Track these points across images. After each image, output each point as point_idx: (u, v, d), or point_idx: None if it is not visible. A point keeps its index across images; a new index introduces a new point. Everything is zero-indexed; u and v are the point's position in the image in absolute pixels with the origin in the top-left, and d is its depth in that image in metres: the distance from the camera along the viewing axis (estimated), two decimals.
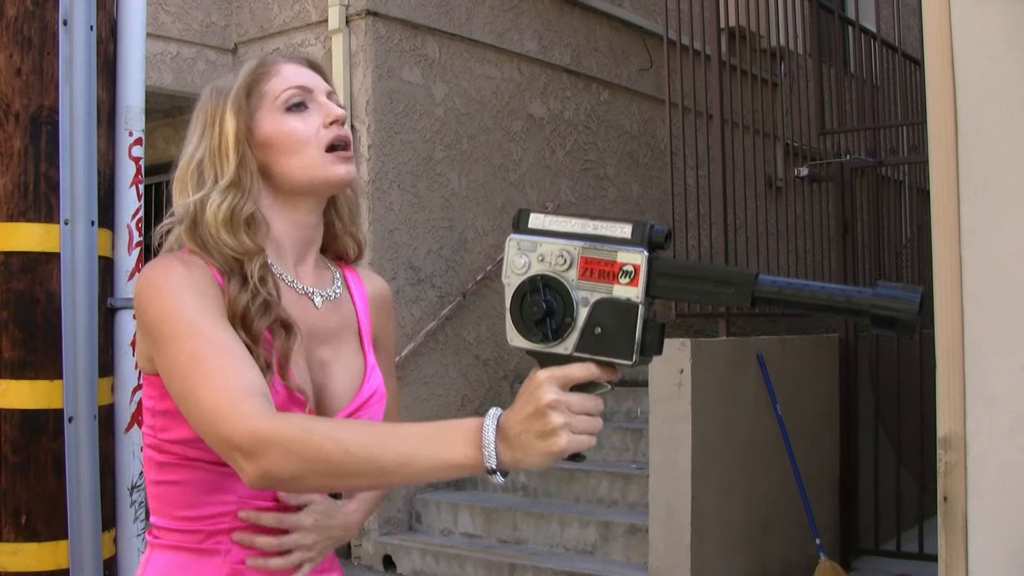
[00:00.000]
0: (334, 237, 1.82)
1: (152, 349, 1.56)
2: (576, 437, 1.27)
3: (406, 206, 6.96)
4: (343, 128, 1.69)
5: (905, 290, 1.17)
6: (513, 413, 1.30)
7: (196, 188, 1.65)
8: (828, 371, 6.52)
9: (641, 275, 1.25)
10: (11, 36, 2.18)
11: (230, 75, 1.71)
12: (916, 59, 7.73)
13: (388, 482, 1.42)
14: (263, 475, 1.39)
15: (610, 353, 1.27)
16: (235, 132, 1.65)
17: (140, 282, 1.58)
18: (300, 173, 1.67)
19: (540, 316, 1.28)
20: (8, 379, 2.14)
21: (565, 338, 1.28)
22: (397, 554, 6.58)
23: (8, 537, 2.14)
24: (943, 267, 3.47)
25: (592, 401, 1.29)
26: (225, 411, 1.42)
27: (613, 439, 6.80)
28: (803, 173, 6.78)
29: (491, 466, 1.29)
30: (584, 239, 1.29)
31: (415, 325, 6.95)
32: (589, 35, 8.54)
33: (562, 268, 1.29)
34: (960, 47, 3.43)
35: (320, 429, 1.42)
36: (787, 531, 5.85)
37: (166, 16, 7.16)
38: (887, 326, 1.18)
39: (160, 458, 1.64)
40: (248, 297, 1.58)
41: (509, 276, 1.33)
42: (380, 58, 6.84)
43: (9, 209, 2.16)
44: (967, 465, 3.43)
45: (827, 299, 1.22)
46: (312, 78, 1.72)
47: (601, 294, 1.27)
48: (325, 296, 1.75)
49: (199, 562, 1.63)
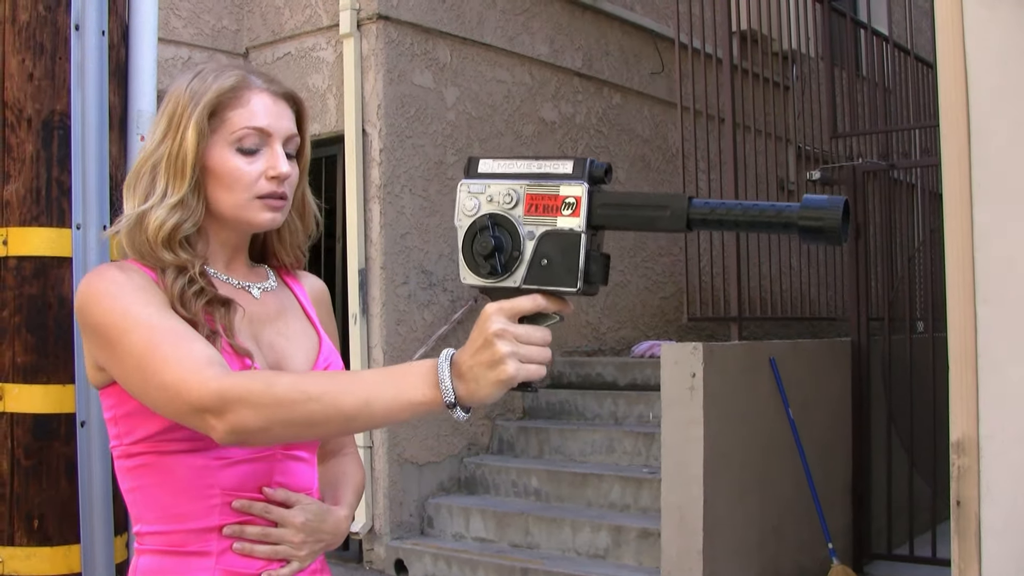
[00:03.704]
0: (271, 253, 1.87)
1: (102, 354, 1.59)
2: (524, 366, 1.32)
3: (417, 210, 6.96)
4: (281, 186, 1.71)
5: (830, 200, 1.23)
6: (465, 348, 1.36)
7: (146, 192, 1.67)
8: (840, 375, 6.51)
9: (582, 205, 1.32)
10: (23, 41, 2.18)
11: (209, 76, 1.71)
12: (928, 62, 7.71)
13: (352, 425, 1.46)
14: (233, 429, 1.44)
15: (556, 282, 1.34)
16: (194, 150, 1.66)
17: (81, 292, 1.62)
18: (228, 209, 1.70)
19: (489, 251, 1.35)
20: (20, 383, 2.15)
21: (514, 271, 1.35)
22: (409, 559, 6.58)
23: (21, 541, 2.14)
24: (956, 270, 3.45)
25: (539, 332, 1.34)
26: (188, 380, 1.46)
27: (625, 443, 6.79)
28: (815, 176, 6.76)
29: (449, 400, 1.35)
30: (529, 178, 1.36)
31: (427, 329, 6.95)
32: (600, 39, 8.54)
33: (509, 206, 1.36)
34: (973, 50, 3.42)
35: (282, 381, 1.47)
36: (799, 535, 5.83)
37: (178, 21, 7.18)
38: (815, 235, 1.24)
39: (131, 463, 1.66)
40: (184, 282, 1.63)
41: (460, 219, 1.39)
42: (391, 62, 6.84)
43: (22, 214, 2.16)
44: (980, 469, 3.42)
45: (758, 215, 1.27)
46: (277, 119, 1.71)
47: (546, 227, 1.34)
48: (263, 288, 1.81)
49: (188, 564, 1.64)
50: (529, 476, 6.83)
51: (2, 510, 2.14)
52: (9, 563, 2.14)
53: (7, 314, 2.15)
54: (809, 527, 5.83)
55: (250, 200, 1.69)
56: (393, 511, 6.73)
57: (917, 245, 7.56)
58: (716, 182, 6.16)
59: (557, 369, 7.84)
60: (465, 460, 7.19)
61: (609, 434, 6.89)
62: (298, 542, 1.70)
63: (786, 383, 5.74)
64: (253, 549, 1.67)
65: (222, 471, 1.64)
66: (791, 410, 5.76)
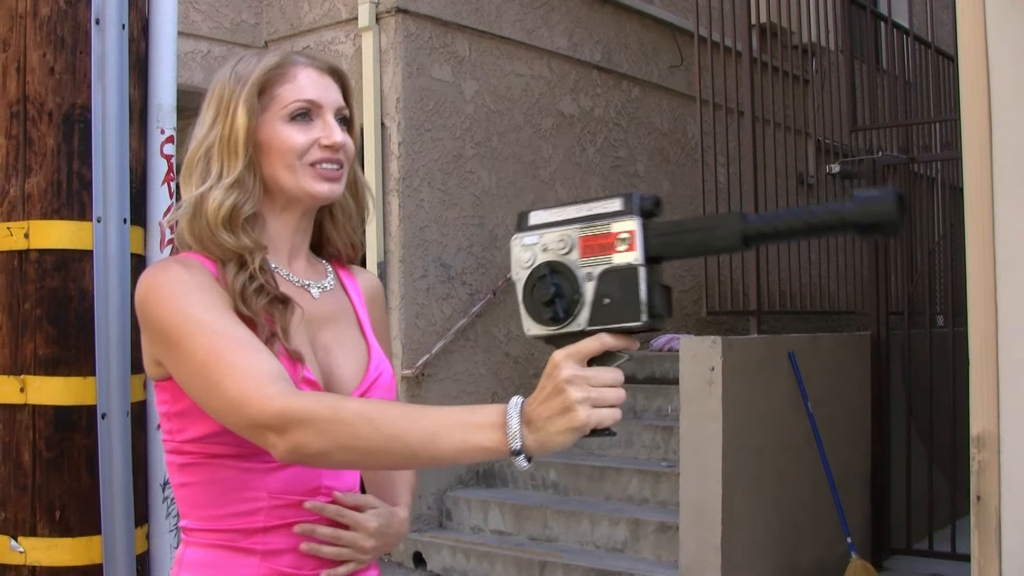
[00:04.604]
0: (327, 239, 1.85)
1: (163, 353, 1.58)
2: (598, 411, 1.29)
3: (436, 203, 6.97)
4: (336, 154, 1.70)
5: (882, 193, 1.21)
6: (534, 396, 1.32)
7: (202, 177, 1.66)
8: (860, 369, 6.49)
9: (637, 238, 1.31)
10: (44, 35, 2.19)
11: (252, 59, 1.71)
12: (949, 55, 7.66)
13: (413, 461, 1.43)
14: (293, 450, 1.42)
15: (620, 319, 1.31)
16: (246, 129, 1.65)
17: (142, 287, 1.60)
18: (284, 181, 1.68)
19: (549, 298, 1.33)
20: (42, 376, 2.16)
21: (577, 315, 1.33)
22: (428, 551, 6.59)
23: (43, 532, 2.16)
24: (977, 265, 3.44)
25: (611, 373, 1.31)
26: (251, 395, 1.44)
27: (643, 437, 6.79)
28: (835, 170, 6.74)
29: (515, 447, 1.31)
30: (580, 221, 1.35)
31: (445, 323, 6.96)
32: (619, 32, 8.52)
33: (564, 252, 1.35)
34: (994, 43, 3.40)
35: (348, 407, 1.44)
36: (818, 530, 5.82)
37: (197, 14, 7.20)
38: (873, 231, 1.23)
39: (181, 460, 1.66)
40: (245, 278, 1.61)
41: (517, 272, 1.38)
42: (410, 56, 6.85)
43: (43, 207, 2.18)
44: (1001, 464, 3.40)
45: (813, 219, 1.26)
46: (326, 91, 1.71)
47: (603, 266, 1.32)
48: (321, 287, 1.78)
49: (234, 559, 1.64)
50: (547, 469, 6.83)
51: (24, 501, 2.16)
52: (31, 553, 2.15)
53: (29, 306, 2.16)
54: (828, 521, 5.81)
55: (305, 169, 1.67)
56: (412, 504, 6.73)
57: (937, 239, 7.53)
58: (735, 176, 6.14)
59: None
60: None
61: (627, 427, 6.89)
62: (368, 547, 1.70)
63: (805, 377, 5.73)
64: (319, 549, 1.67)
65: (269, 475, 1.64)
66: (810, 404, 5.74)
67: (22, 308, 2.17)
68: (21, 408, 2.16)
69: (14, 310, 2.17)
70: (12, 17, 2.22)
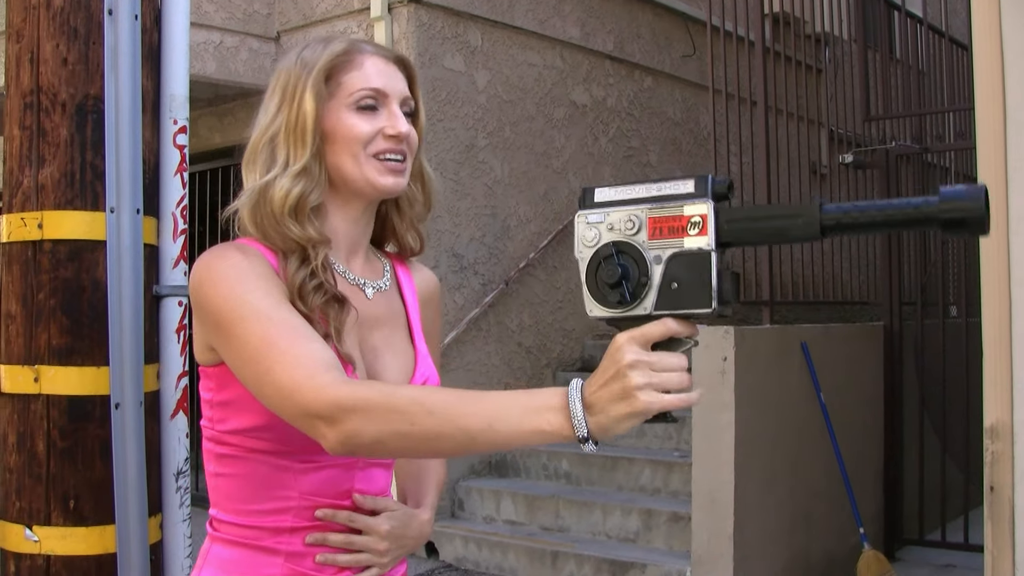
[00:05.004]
0: (392, 231, 1.82)
1: (216, 337, 1.56)
2: (660, 397, 1.25)
3: (448, 193, 6.97)
4: (400, 144, 1.68)
5: (969, 190, 1.17)
6: (594, 379, 1.29)
7: (267, 164, 1.64)
8: (873, 359, 6.47)
9: (709, 223, 1.27)
10: (57, 26, 2.20)
11: (319, 46, 1.69)
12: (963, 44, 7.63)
13: (473, 446, 1.38)
14: (345, 440, 1.39)
15: (688, 305, 1.28)
16: (314, 115, 1.63)
17: (199, 272, 1.57)
18: (349, 171, 1.66)
19: (616, 279, 1.29)
20: (56, 366, 2.17)
21: (643, 298, 1.29)
22: (440, 540, 6.61)
23: (57, 521, 2.17)
24: (990, 255, 3.43)
25: (675, 358, 1.27)
26: (303, 384, 1.42)
27: (656, 427, 6.77)
28: (848, 160, 6.72)
29: (582, 434, 1.28)
30: (649, 201, 1.31)
31: (458, 312, 6.96)
32: (632, 21, 8.51)
33: (632, 232, 1.31)
34: (1009, 32, 3.39)
35: (402, 393, 1.43)
36: (831, 520, 5.81)
37: (209, 5, 7.20)
38: (958, 228, 1.19)
39: (219, 450, 1.65)
40: (306, 274, 1.59)
41: (581, 250, 1.34)
42: (422, 45, 6.84)
43: (56, 198, 2.18)
44: (1014, 454, 3.40)
45: (895, 213, 1.22)
46: (392, 80, 1.69)
47: (673, 249, 1.29)
48: (376, 287, 1.76)
49: (258, 559, 1.64)
50: (560, 459, 6.84)
51: (39, 491, 2.17)
52: (46, 543, 2.16)
53: (42, 297, 2.17)
54: (840, 512, 5.80)
55: (369, 160, 1.65)
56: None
57: None
58: (748, 165, 6.13)
59: (588, 352, 7.85)
60: None
61: None
62: (383, 550, 1.69)
63: (818, 367, 5.72)
64: (335, 559, 1.65)
65: (304, 475, 1.63)
66: (822, 394, 5.73)
67: (36, 298, 2.17)
68: (35, 398, 2.17)
69: (28, 300, 2.18)
70: (25, 8, 2.22)
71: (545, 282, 7.57)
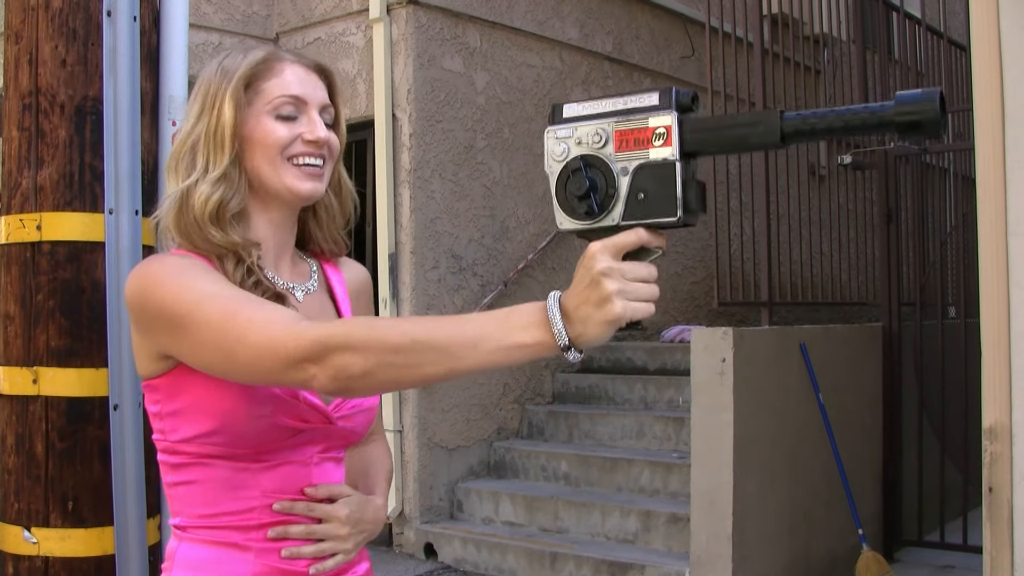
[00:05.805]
0: (310, 237, 1.85)
1: (168, 336, 1.56)
2: (632, 304, 1.28)
3: (447, 195, 6.97)
4: (320, 149, 1.70)
5: (924, 92, 1.20)
6: (571, 289, 1.32)
7: (187, 171, 1.66)
8: (871, 360, 6.48)
9: (673, 134, 1.30)
10: (56, 27, 2.20)
11: (238, 56, 1.71)
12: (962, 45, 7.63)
13: (457, 368, 1.39)
14: (336, 375, 1.40)
15: (655, 214, 1.31)
16: (232, 122, 1.65)
17: (138, 279, 1.59)
18: (267, 177, 1.68)
19: (584, 191, 1.32)
20: (55, 367, 2.16)
21: (611, 209, 1.33)
22: (439, 542, 6.61)
23: (56, 523, 2.17)
24: (989, 255, 3.43)
25: (645, 268, 1.31)
26: (279, 335, 1.43)
27: (655, 428, 6.79)
28: (846, 161, 6.72)
29: (563, 343, 1.31)
30: (616, 115, 1.34)
31: (456, 314, 6.95)
32: (631, 23, 8.51)
33: (599, 145, 1.34)
34: (1007, 33, 3.39)
35: (382, 323, 1.46)
36: (830, 521, 5.81)
37: (208, 6, 7.20)
38: (914, 130, 1.21)
39: (175, 460, 1.66)
40: (244, 271, 1.62)
41: (550, 165, 1.37)
42: (421, 47, 6.84)
43: (55, 199, 2.18)
44: (1013, 455, 3.40)
45: (853, 118, 1.25)
46: (311, 88, 1.72)
47: (639, 160, 1.32)
48: (305, 290, 1.78)
49: (228, 556, 1.65)
50: (559, 460, 6.84)
51: (37, 492, 2.17)
52: (44, 544, 2.16)
53: (41, 298, 2.17)
54: (839, 513, 5.81)
55: (287, 166, 1.67)
56: (423, 495, 6.76)
57: (949, 230, 7.51)
58: (746, 166, 6.13)
59: (587, 353, 7.83)
60: (495, 444, 7.20)
61: (639, 419, 6.89)
62: (344, 535, 1.70)
63: (816, 368, 5.72)
64: (300, 551, 1.67)
65: (262, 474, 1.64)
66: (821, 395, 5.74)
67: (35, 300, 2.17)
68: (34, 399, 2.17)
69: (27, 302, 2.18)
70: (24, 9, 2.22)
71: (544, 283, 7.57)
